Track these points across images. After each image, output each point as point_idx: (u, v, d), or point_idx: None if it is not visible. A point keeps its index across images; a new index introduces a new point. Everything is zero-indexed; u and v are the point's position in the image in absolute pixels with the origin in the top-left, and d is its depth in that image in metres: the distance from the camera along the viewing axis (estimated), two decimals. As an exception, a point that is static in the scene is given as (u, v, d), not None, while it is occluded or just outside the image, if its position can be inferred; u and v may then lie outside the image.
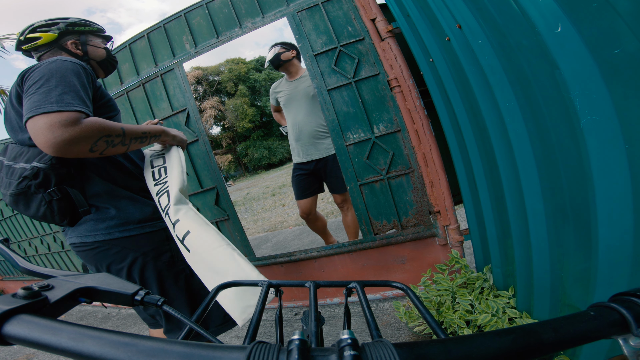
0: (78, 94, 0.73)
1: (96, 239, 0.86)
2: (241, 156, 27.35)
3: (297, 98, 1.99)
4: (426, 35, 1.18)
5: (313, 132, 1.98)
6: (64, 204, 0.82)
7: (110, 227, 0.87)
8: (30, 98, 0.70)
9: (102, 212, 0.88)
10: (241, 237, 1.87)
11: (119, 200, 0.89)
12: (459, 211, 2.27)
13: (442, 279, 1.24)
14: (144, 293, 0.36)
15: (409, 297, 0.49)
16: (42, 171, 0.76)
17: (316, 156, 2.01)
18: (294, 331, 0.24)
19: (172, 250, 0.95)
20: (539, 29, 0.70)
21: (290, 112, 2.04)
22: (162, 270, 0.92)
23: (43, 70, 0.74)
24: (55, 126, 0.66)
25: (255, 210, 6.44)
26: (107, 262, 0.88)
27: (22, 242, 3.12)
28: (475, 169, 1.16)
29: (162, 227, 0.94)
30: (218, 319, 0.97)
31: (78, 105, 0.70)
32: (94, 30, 1.03)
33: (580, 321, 0.26)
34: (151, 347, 0.22)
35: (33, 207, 0.81)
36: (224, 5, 1.69)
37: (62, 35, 0.96)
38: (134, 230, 0.89)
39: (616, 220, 0.69)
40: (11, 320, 0.25)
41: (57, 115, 0.67)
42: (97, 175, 0.87)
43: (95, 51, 1.01)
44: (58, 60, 0.77)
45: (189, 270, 0.95)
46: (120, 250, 0.88)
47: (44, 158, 0.77)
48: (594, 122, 0.66)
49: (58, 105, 0.68)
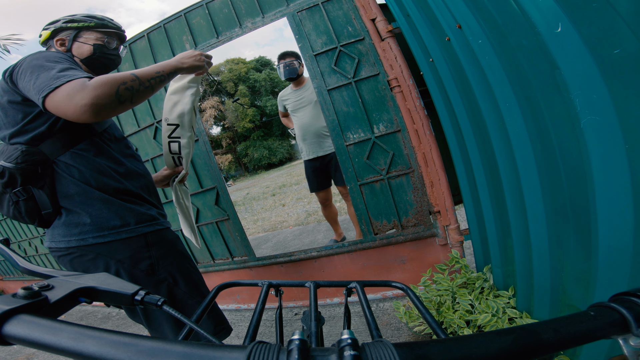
0: (76, 69, 0.75)
1: (69, 245, 0.82)
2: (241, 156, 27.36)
3: (303, 104, 2.24)
4: (426, 35, 1.18)
5: (317, 132, 2.22)
6: (31, 205, 0.79)
7: (83, 233, 0.82)
8: (34, 84, 0.71)
9: (75, 215, 0.82)
10: (241, 237, 1.87)
11: (92, 204, 0.83)
12: (459, 211, 2.28)
13: (442, 279, 1.24)
14: (144, 293, 0.36)
15: (409, 297, 0.49)
16: (8, 170, 0.74)
17: (321, 153, 2.26)
18: (294, 331, 0.24)
19: (153, 257, 0.88)
20: (539, 29, 0.70)
21: (297, 117, 2.29)
22: (140, 279, 0.86)
23: (33, 60, 0.75)
24: (72, 94, 0.67)
25: (255, 210, 6.44)
26: (82, 269, 0.84)
27: (22, 242, 3.12)
28: (475, 169, 1.16)
29: (142, 233, 0.87)
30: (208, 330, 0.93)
31: (82, 74, 0.72)
32: (91, 25, 0.96)
33: (580, 321, 0.26)
34: (151, 347, 0.22)
35: (4, 207, 0.80)
36: (224, 5, 1.69)
37: (55, 33, 0.93)
38: (108, 236, 0.83)
39: (616, 220, 0.69)
40: (11, 320, 0.25)
41: (68, 85, 0.68)
42: (68, 175, 0.82)
43: (80, 47, 0.94)
44: (43, 51, 0.80)
45: (172, 280, 0.90)
46: (95, 257, 0.83)
47: (11, 157, 0.75)
48: (594, 122, 0.66)
49: (65, 77, 0.69)
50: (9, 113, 0.78)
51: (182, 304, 0.91)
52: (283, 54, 2.20)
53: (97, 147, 0.87)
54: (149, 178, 1.00)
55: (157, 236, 0.90)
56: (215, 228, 1.93)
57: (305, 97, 2.21)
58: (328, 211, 2.54)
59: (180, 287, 0.91)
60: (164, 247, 0.91)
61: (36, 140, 0.79)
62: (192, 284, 0.94)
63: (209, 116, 25.83)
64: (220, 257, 2.02)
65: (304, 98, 2.22)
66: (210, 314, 0.95)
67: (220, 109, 26.49)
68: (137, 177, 0.94)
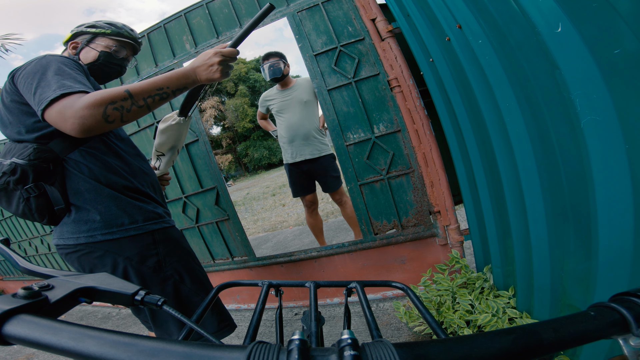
0: (75, 78, 0.75)
1: (78, 242, 0.83)
2: (241, 156, 27.35)
3: (291, 105, 2.13)
4: (426, 35, 1.18)
5: (307, 134, 2.11)
6: (42, 202, 0.79)
7: (92, 230, 0.83)
8: (34, 91, 0.72)
9: (84, 212, 0.83)
10: (241, 237, 1.87)
11: (102, 201, 0.84)
12: (459, 211, 2.28)
13: (442, 279, 1.24)
14: (144, 293, 0.36)
15: (409, 297, 0.49)
16: (20, 167, 0.75)
17: (308, 156, 2.14)
18: (294, 331, 0.24)
19: (160, 254, 0.90)
20: (539, 29, 0.70)
21: (283, 118, 2.18)
22: (147, 276, 0.87)
23: (36, 66, 0.76)
24: (63, 111, 0.69)
25: (256, 210, 6.44)
26: (89, 266, 0.85)
27: (22, 242, 3.13)
28: (475, 169, 1.16)
29: (149, 230, 0.89)
30: (212, 326, 0.93)
31: (79, 87, 0.73)
32: (107, 32, 0.98)
33: (581, 321, 0.26)
34: (151, 347, 0.22)
35: (14, 204, 0.80)
36: (224, 5, 1.69)
37: (75, 36, 0.98)
38: (117, 233, 0.84)
39: (616, 220, 0.68)
40: (11, 320, 0.25)
41: (61, 102, 0.69)
42: (78, 172, 0.83)
43: (87, 52, 0.97)
44: (47, 56, 0.79)
45: (179, 276, 0.91)
46: (103, 254, 0.84)
47: (23, 154, 0.76)
48: (594, 122, 0.66)
49: (60, 90, 0.70)
50: (14, 112, 0.79)
51: (188, 301, 0.92)
52: (267, 54, 2.11)
53: (105, 146, 0.89)
54: (154, 177, 1.02)
55: (163, 234, 0.92)
56: (215, 228, 1.93)
57: (294, 97, 2.11)
58: (314, 219, 2.37)
59: (186, 284, 0.92)
60: (170, 245, 0.93)
61: (45, 139, 0.80)
62: (197, 281, 0.95)
63: (209, 116, 25.83)
64: (220, 257, 2.02)
65: (292, 98, 2.12)
66: (215, 311, 0.95)
67: (220, 109, 26.49)
68: (143, 175, 0.96)
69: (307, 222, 2.41)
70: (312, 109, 2.15)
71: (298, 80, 2.18)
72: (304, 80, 2.17)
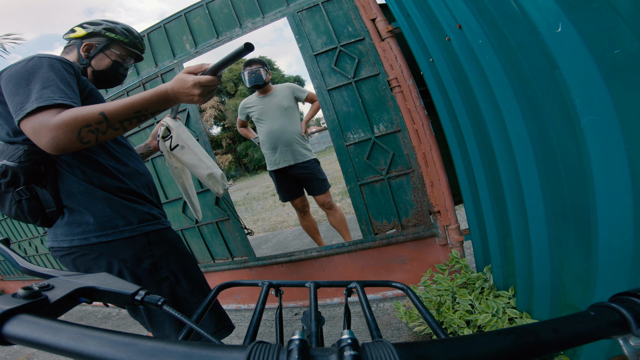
0: (58, 86, 0.72)
1: (72, 244, 0.82)
2: (241, 156, 27.35)
3: (271, 111, 2.13)
4: (426, 35, 1.18)
5: (290, 140, 2.11)
6: (34, 204, 0.78)
7: (86, 232, 0.82)
8: (13, 100, 0.69)
9: (78, 214, 0.82)
10: (241, 237, 1.87)
11: (95, 203, 0.83)
12: (459, 211, 2.28)
13: (442, 279, 1.24)
14: (144, 293, 0.36)
15: (409, 297, 0.49)
16: (11, 169, 0.74)
17: (292, 162, 2.14)
18: (294, 331, 0.24)
19: (155, 256, 0.89)
20: (539, 29, 0.70)
21: (264, 124, 2.16)
22: (142, 278, 0.86)
23: (21, 69, 0.73)
24: (38, 128, 0.66)
25: (256, 210, 6.43)
26: (84, 268, 0.84)
27: (22, 242, 3.13)
28: (475, 169, 1.16)
29: (144, 232, 0.88)
30: (210, 328, 0.93)
31: (60, 97, 0.69)
32: (124, 41, 0.98)
33: (581, 321, 0.26)
34: (151, 347, 0.22)
35: (7, 206, 0.79)
36: (224, 5, 1.69)
37: (90, 36, 0.94)
38: (111, 235, 0.83)
39: (616, 220, 0.69)
40: (11, 320, 0.25)
41: (36, 117, 0.67)
42: (71, 174, 0.82)
43: (102, 59, 0.96)
44: (35, 57, 0.76)
45: (175, 278, 0.91)
46: (98, 256, 0.83)
47: (14, 156, 0.75)
48: (594, 122, 0.66)
49: (38, 102, 0.67)
50: (2, 114, 0.77)
51: (184, 303, 0.91)
52: (249, 61, 2.12)
53: (99, 147, 0.87)
54: (150, 178, 1.00)
55: (159, 235, 0.91)
56: (215, 228, 1.93)
57: (274, 103, 2.12)
58: (308, 221, 2.37)
59: (182, 285, 0.91)
60: (165, 246, 0.91)
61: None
62: (193, 282, 0.94)
63: (209, 116, 25.83)
64: (220, 257, 2.02)
65: (272, 105, 2.12)
66: (212, 312, 0.95)
67: (220, 109, 26.49)
68: (139, 176, 0.94)
69: (301, 224, 2.41)
70: (293, 115, 2.16)
71: (278, 87, 2.19)
72: (283, 87, 2.18)
